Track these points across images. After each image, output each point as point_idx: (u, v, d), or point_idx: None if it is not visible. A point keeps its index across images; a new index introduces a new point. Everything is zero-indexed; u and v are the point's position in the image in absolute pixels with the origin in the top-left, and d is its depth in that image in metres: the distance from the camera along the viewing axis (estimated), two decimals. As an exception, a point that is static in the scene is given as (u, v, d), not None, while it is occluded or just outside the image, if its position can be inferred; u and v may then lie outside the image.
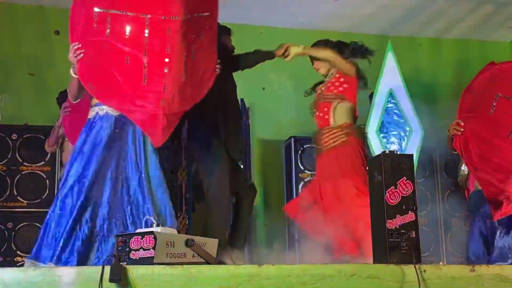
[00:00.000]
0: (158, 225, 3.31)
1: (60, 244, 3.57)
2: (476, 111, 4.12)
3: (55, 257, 3.54)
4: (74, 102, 4.22)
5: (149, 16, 3.68)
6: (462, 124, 4.05)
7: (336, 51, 4.77)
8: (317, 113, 4.78)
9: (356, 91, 4.76)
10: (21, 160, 6.18)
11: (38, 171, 6.21)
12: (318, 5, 6.69)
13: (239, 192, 4.78)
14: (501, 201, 4.01)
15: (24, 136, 6.28)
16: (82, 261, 3.58)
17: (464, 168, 5.46)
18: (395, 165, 3.27)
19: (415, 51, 8.04)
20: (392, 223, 3.16)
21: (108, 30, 3.70)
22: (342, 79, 4.66)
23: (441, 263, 3.96)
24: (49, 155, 6.14)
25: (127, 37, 3.71)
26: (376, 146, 5.93)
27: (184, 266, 2.92)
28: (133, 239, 2.97)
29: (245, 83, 5.33)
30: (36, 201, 6.10)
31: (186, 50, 3.79)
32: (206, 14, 3.90)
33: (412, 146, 5.91)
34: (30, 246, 5.34)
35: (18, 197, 6.09)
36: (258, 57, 4.80)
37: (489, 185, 4.09)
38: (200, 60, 3.93)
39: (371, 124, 6.00)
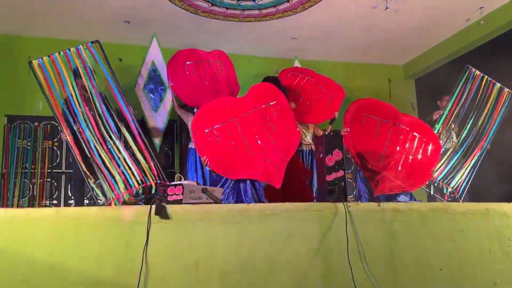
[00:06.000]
0: (184, 180, 3.40)
1: None
2: (353, 123, 4.34)
3: None
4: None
5: (235, 119, 3.91)
6: (349, 130, 4.31)
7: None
8: None
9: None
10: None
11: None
12: (284, 41, 6.58)
13: None
14: (378, 181, 4.12)
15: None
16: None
17: None
18: (332, 141, 3.50)
19: (347, 70, 7.17)
20: (330, 177, 3.38)
21: (218, 139, 3.85)
22: None
23: (359, 202, 4.09)
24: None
25: (229, 136, 3.87)
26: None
27: (201, 204, 3.03)
28: (169, 188, 3.05)
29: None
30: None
31: (266, 126, 3.97)
32: (273, 102, 4.07)
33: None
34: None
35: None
36: None
37: (366, 170, 4.23)
38: (281, 128, 4.03)
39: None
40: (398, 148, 4.16)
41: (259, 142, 3.91)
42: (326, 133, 4.95)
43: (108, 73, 4.01)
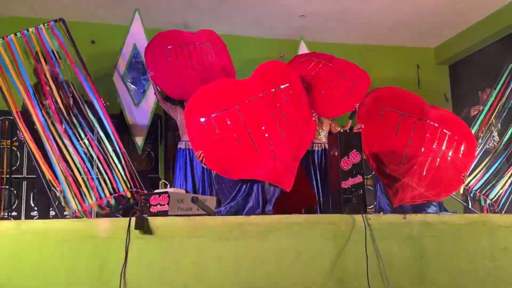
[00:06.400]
0: (170, 187, 3.42)
1: None
2: (369, 118, 4.36)
3: None
4: None
5: (237, 105, 3.93)
6: (363, 126, 4.30)
7: None
8: None
9: None
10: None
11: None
12: (290, 20, 6.54)
13: None
14: (397, 189, 4.11)
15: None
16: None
17: None
18: (348, 141, 3.49)
19: (365, 55, 7.13)
20: (346, 184, 3.36)
21: (217, 130, 3.87)
22: None
23: (381, 213, 4.09)
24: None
25: (230, 126, 3.89)
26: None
27: (191, 217, 3.04)
28: (152, 197, 3.07)
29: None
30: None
31: (275, 115, 3.99)
32: (284, 85, 4.07)
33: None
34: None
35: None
36: None
37: (384, 176, 4.21)
38: (293, 118, 4.04)
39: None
40: (423, 149, 4.18)
41: (266, 135, 3.92)
42: (342, 129, 4.90)
43: (74, 58, 3.99)
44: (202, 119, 3.88)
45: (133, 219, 2.87)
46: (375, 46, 7.28)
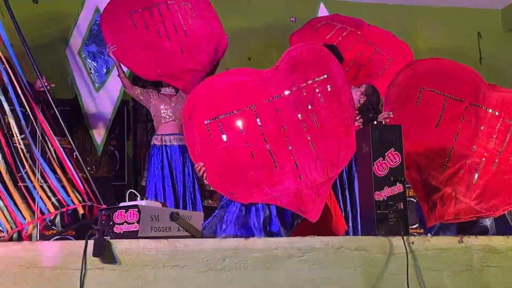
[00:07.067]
0: (141, 199, 3.39)
1: None
2: (401, 103, 4.25)
3: None
4: None
5: (254, 105, 3.91)
6: (392, 115, 4.19)
7: None
8: None
9: None
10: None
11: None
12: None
13: None
14: (435, 202, 4.08)
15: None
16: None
17: None
18: (383, 136, 3.43)
19: (406, 19, 7.30)
20: (380, 195, 3.31)
21: (224, 136, 3.87)
22: None
23: (429, 234, 4.06)
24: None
25: (243, 133, 3.90)
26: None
27: (169, 240, 3.02)
28: (116, 213, 3.04)
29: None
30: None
31: (305, 120, 3.96)
32: (321, 78, 4.02)
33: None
34: None
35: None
36: None
37: (418, 186, 4.16)
38: (329, 125, 4.01)
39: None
40: (475, 146, 4.12)
41: (290, 148, 3.92)
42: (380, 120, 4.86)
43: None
44: (206, 121, 3.90)
45: (91, 242, 2.86)
46: (420, 8, 7.30)
